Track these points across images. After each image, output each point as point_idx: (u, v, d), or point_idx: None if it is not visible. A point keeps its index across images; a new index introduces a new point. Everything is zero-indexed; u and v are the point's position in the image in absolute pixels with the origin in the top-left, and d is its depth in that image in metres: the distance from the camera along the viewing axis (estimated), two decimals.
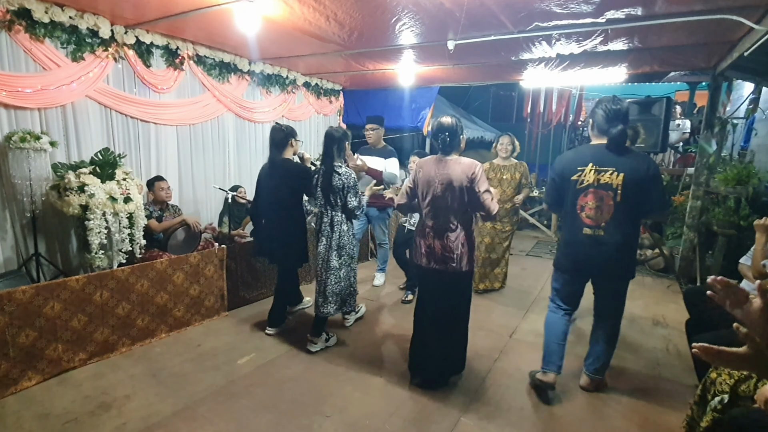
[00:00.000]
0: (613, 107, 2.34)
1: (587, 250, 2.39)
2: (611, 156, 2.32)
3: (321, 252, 3.00)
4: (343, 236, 2.99)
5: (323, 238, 3.00)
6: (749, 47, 3.08)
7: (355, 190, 2.96)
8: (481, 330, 3.48)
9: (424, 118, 7.22)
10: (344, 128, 3.15)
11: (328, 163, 2.98)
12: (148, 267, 3.08)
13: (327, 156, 3.00)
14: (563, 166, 2.46)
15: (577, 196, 2.39)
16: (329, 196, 2.97)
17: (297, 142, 3.24)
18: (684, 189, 5.46)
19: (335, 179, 2.93)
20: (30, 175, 3.02)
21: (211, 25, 3.54)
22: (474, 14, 2.96)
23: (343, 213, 3.00)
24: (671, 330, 3.56)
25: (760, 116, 5.14)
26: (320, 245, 3.01)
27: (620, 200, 2.28)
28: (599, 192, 2.32)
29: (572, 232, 2.45)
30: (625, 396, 2.61)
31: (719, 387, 1.69)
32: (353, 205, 2.95)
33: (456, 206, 2.48)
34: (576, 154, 2.47)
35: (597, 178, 2.32)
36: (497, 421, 2.34)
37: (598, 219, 2.35)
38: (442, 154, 2.55)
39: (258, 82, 4.98)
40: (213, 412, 2.35)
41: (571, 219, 2.44)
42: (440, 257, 2.50)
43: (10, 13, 2.92)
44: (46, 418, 2.24)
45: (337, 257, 2.98)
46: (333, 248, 2.96)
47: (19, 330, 2.43)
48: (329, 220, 2.99)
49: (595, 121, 2.41)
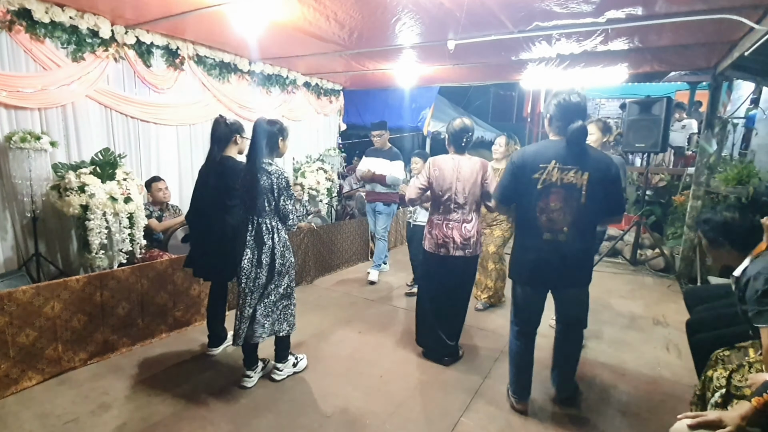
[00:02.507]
0: (572, 101, 2.15)
1: (547, 257, 2.16)
2: (572, 154, 2.11)
3: (245, 268, 2.46)
4: (275, 248, 2.48)
5: (247, 251, 2.46)
6: (749, 47, 3.08)
7: (289, 192, 2.50)
8: (481, 330, 3.48)
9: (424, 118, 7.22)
10: (281, 123, 2.60)
11: (254, 159, 2.48)
12: (148, 267, 3.08)
13: (254, 151, 2.49)
14: (524, 160, 2.20)
15: (538, 197, 2.14)
16: (255, 198, 2.46)
17: (243, 139, 2.77)
18: (684, 189, 5.46)
19: (263, 179, 2.44)
20: (30, 175, 3.02)
21: (211, 25, 3.54)
22: (474, 14, 2.95)
23: (276, 220, 2.52)
24: (671, 330, 3.56)
25: (760, 116, 5.14)
26: (244, 260, 2.46)
27: (584, 202, 2.08)
28: (562, 192, 2.11)
29: (529, 237, 2.22)
30: (625, 396, 2.61)
31: (717, 383, 1.70)
32: (287, 209, 2.48)
33: (472, 199, 2.77)
34: (539, 149, 2.22)
35: (560, 177, 2.10)
36: (497, 421, 2.34)
37: (559, 223, 2.12)
38: (459, 153, 2.82)
39: (258, 82, 4.97)
40: (213, 411, 2.35)
41: (529, 222, 2.20)
42: (459, 245, 2.76)
43: (11, 13, 2.92)
44: (46, 418, 2.24)
45: (266, 274, 2.48)
46: (262, 264, 2.46)
47: (19, 330, 2.43)
48: (254, 229, 2.48)
49: (553, 116, 2.20)
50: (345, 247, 5.19)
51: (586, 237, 2.18)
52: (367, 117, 7.36)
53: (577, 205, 2.10)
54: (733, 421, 1.37)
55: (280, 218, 2.52)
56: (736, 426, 1.36)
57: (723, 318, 2.40)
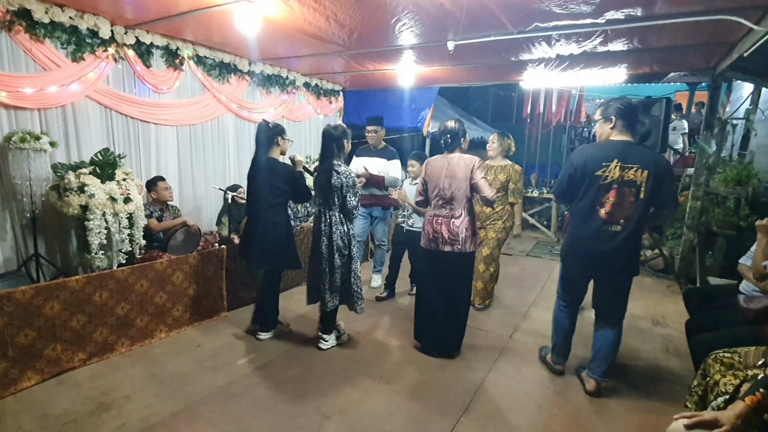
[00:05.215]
0: (634, 106, 2.41)
1: (601, 246, 2.41)
2: (636, 153, 2.34)
3: (323, 252, 2.94)
4: (343, 237, 2.94)
5: (324, 239, 2.93)
6: (749, 48, 3.08)
7: (354, 189, 2.93)
8: (481, 330, 3.48)
9: (424, 118, 7.22)
10: (344, 126, 3.08)
11: (327, 161, 2.94)
12: (148, 267, 3.07)
13: (326, 154, 2.95)
14: (586, 159, 2.43)
15: (600, 192, 2.38)
16: (327, 195, 2.91)
17: (285, 141, 3.09)
18: (684, 189, 5.46)
19: (334, 178, 2.87)
20: (30, 175, 3.03)
21: (211, 25, 3.55)
22: (474, 15, 2.96)
23: (341, 213, 2.95)
24: (671, 330, 3.56)
25: (759, 117, 5.15)
26: (322, 245, 2.95)
27: (643, 197, 2.31)
28: (623, 188, 2.33)
29: (587, 226, 2.45)
30: (625, 396, 2.61)
31: (723, 388, 1.70)
32: (352, 204, 2.91)
33: (460, 196, 2.84)
34: (600, 149, 2.44)
35: (622, 174, 2.32)
36: (497, 422, 2.34)
37: (617, 215, 2.36)
38: (449, 151, 2.95)
39: (258, 82, 4.98)
40: (213, 412, 2.35)
41: (587, 214, 2.44)
42: (447, 240, 2.85)
43: (10, 13, 2.92)
44: (45, 419, 2.23)
45: (339, 257, 2.94)
46: (334, 249, 2.91)
47: (18, 330, 2.43)
48: (327, 220, 2.93)
49: (620, 117, 2.42)
50: None
51: (639, 230, 2.42)
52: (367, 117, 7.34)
53: (635, 200, 2.33)
54: (729, 420, 1.37)
55: (345, 211, 2.94)
56: (732, 425, 1.36)
57: (722, 318, 2.41)
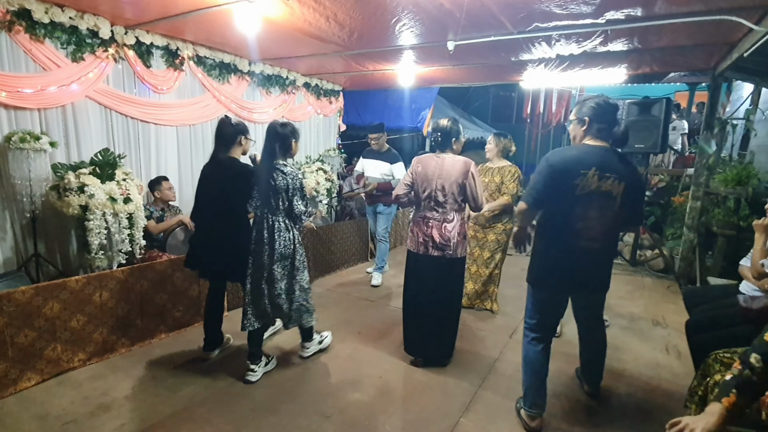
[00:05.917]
0: (611, 105, 2.12)
1: (579, 264, 2.15)
2: (614, 162, 2.07)
3: (265, 264, 2.60)
4: (287, 245, 2.62)
5: (265, 247, 2.59)
6: (749, 48, 3.08)
7: (302, 192, 2.64)
8: (481, 330, 3.48)
9: (424, 118, 7.23)
10: (293, 125, 2.74)
11: (268, 160, 2.62)
12: (148, 267, 3.07)
13: (268, 153, 2.63)
14: (565, 164, 2.09)
15: (576, 203, 2.07)
16: (269, 198, 2.60)
17: (248, 140, 2.85)
18: (684, 189, 5.46)
19: (278, 179, 2.57)
20: (30, 175, 3.02)
21: (211, 25, 3.54)
22: (474, 15, 2.96)
23: (287, 218, 2.65)
24: (671, 330, 3.56)
25: (759, 117, 5.15)
26: (264, 255, 2.60)
27: (617, 210, 2.08)
28: (600, 200, 2.06)
29: (562, 242, 2.15)
30: (625, 396, 2.61)
31: None
32: (300, 209, 2.61)
33: (452, 199, 2.74)
34: (580, 154, 2.12)
35: (599, 184, 2.04)
36: (497, 422, 2.34)
37: (596, 230, 2.09)
38: (439, 151, 2.83)
39: (258, 82, 4.98)
40: (213, 412, 2.35)
41: (561, 228, 2.14)
42: (437, 245, 2.73)
43: (10, 13, 2.91)
44: (45, 419, 2.23)
45: (279, 268, 2.61)
46: (275, 259, 2.59)
47: (18, 330, 2.43)
48: (269, 226, 2.60)
49: (594, 119, 2.12)
50: (345, 248, 5.18)
51: (613, 244, 2.28)
52: (367, 118, 7.37)
53: (611, 214, 2.08)
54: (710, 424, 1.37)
55: (292, 217, 2.65)
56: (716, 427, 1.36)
57: (722, 319, 2.41)
